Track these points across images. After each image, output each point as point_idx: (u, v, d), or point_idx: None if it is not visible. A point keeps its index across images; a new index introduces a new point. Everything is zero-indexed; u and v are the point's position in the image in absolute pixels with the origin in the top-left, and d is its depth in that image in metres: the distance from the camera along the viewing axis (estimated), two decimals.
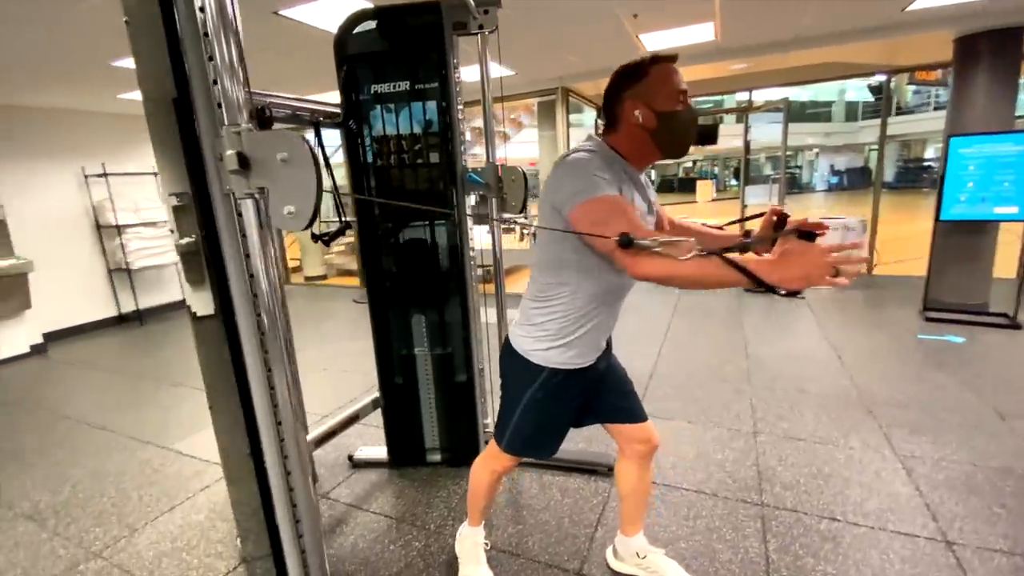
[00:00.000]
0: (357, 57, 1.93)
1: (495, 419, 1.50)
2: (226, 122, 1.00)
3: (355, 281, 6.59)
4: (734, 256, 0.98)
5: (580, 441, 2.45)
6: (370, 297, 2.19)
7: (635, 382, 1.53)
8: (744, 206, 5.84)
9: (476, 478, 1.61)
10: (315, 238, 1.98)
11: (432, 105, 1.96)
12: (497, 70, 4.26)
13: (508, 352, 1.38)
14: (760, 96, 5.59)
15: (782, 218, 1.25)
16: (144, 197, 5.22)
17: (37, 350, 4.49)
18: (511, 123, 8.20)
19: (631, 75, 1.18)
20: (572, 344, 1.28)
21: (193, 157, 1.09)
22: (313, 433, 2.02)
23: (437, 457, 2.31)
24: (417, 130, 1.98)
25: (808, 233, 1.05)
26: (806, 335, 3.84)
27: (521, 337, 1.34)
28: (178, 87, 1.10)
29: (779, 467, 2.18)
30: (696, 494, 2.03)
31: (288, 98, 1.75)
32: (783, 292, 0.94)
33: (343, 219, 1.93)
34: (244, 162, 0.97)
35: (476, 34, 1.92)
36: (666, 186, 30.11)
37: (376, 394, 2.30)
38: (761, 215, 1.32)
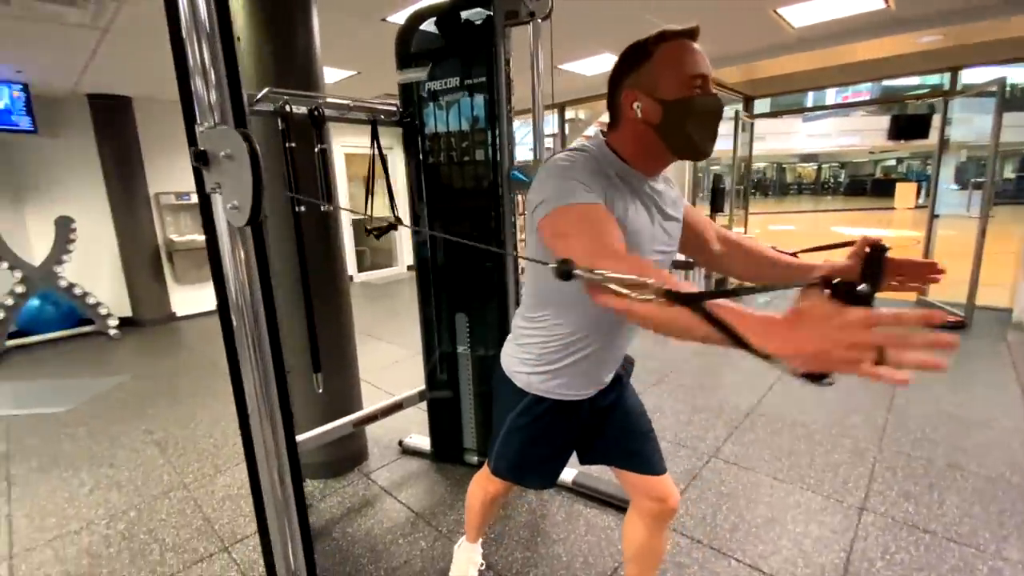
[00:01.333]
0: (416, 55, 1.96)
1: None
2: (197, 119, 1.06)
3: None
4: (722, 306, 0.65)
5: None
6: (419, 291, 2.23)
7: (726, 418, 1.28)
8: (933, 216, 4.62)
9: (471, 494, 1.53)
10: (368, 232, 2.08)
11: (480, 100, 1.89)
12: (587, 65, 4.02)
13: (498, 368, 1.26)
14: (969, 77, 4.31)
15: (877, 252, 0.89)
16: None
17: None
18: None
19: (631, 58, 0.96)
20: (558, 373, 1.11)
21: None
22: (354, 415, 2.14)
23: (474, 459, 2.28)
24: (465, 127, 1.94)
25: (874, 253, 0.83)
26: (991, 390, 2.89)
27: (508, 355, 1.21)
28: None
29: (881, 562, 1.66)
30: (749, 570, 1.66)
31: (341, 99, 1.85)
32: (798, 372, 0.57)
33: (395, 215, 2.00)
34: (202, 158, 1.03)
35: (527, 23, 1.79)
36: (856, 188, 25.62)
37: (423, 386, 2.34)
38: (849, 243, 0.96)
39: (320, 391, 1.97)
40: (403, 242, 7.73)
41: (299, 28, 1.95)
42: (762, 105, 5.98)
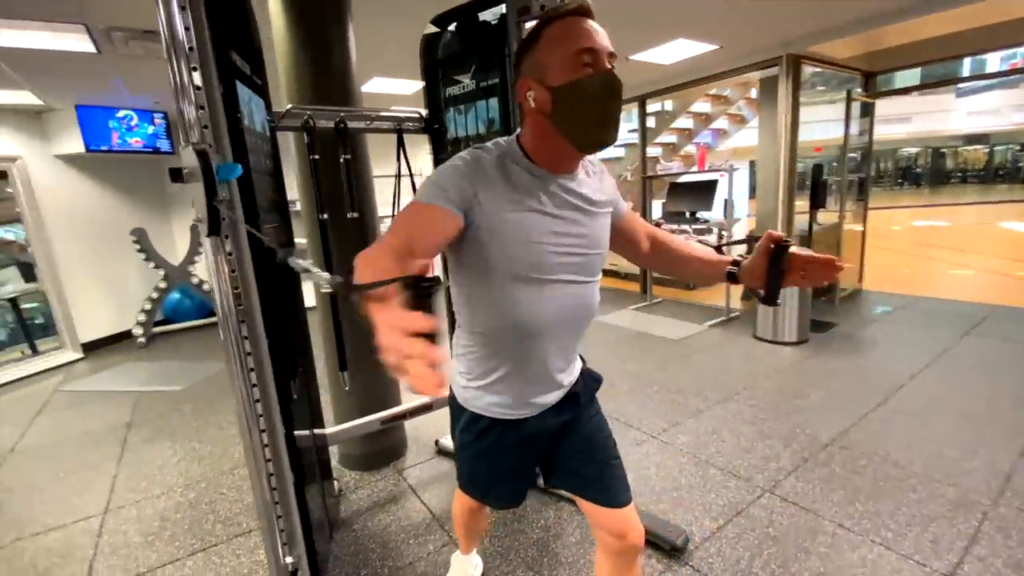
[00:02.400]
0: (438, 62, 1.97)
1: None
2: (183, 141, 1.16)
3: (628, 285, 6.00)
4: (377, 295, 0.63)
5: (658, 500, 2.00)
6: (447, 295, 2.24)
7: (798, 447, 1.16)
8: None
9: (454, 505, 1.50)
10: None
11: (495, 103, 1.84)
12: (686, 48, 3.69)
13: None
14: None
15: (780, 247, 0.93)
16: None
17: None
18: (731, 117, 6.92)
19: (523, 44, 0.89)
20: (487, 389, 1.04)
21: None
22: (382, 413, 2.21)
23: None
24: (482, 130, 1.90)
25: (778, 250, 0.93)
26: None
27: (451, 367, 1.16)
28: None
29: None
30: None
31: (365, 110, 1.92)
32: None
33: None
34: (176, 176, 1.12)
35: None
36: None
37: None
38: (756, 239, 0.97)
39: (347, 388, 2.08)
40: None
41: (335, 46, 2.06)
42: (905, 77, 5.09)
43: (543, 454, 1.18)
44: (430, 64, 1.99)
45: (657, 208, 5.52)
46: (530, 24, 1.69)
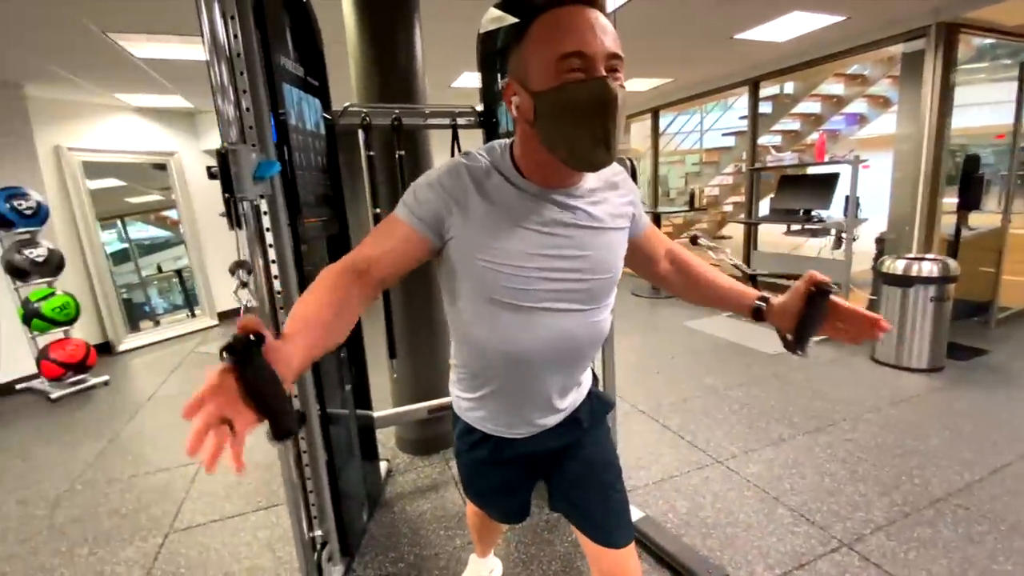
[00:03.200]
0: (493, 54, 1.93)
1: None
2: (220, 140, 1.26)
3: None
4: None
5: (706, 534, 1.80)
6: None
7: (898, 498, 1.09)
8: None
9: (468, 505, 1.48)
10: None
11: None
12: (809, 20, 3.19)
13: None
14: None
15: (820, 292, 0.83)
16: None
17: None
18: (870, 100, 5.80)
19: (508, 38, 0.78)
20: (479, 404, 0.98)
21: None
22: (429, 403, 2.26)
23: None
24: None
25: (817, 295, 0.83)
26: None
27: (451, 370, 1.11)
28: None
29: None
30: None
31: (419, 106, 1.94)
32: None
33: None
34: (212, 175, 1.22)
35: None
36: None
37: None
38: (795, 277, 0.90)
39: (395, 376, 2.16)
40: None
41: (400, 46, 2.11)
42: None
43: (542, 473, 1.10)
44: (485, 56, 1.96)
45: (765, 205, 4.95)
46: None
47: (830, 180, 3.93)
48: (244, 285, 1.64)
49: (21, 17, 2.47)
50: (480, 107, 2.02)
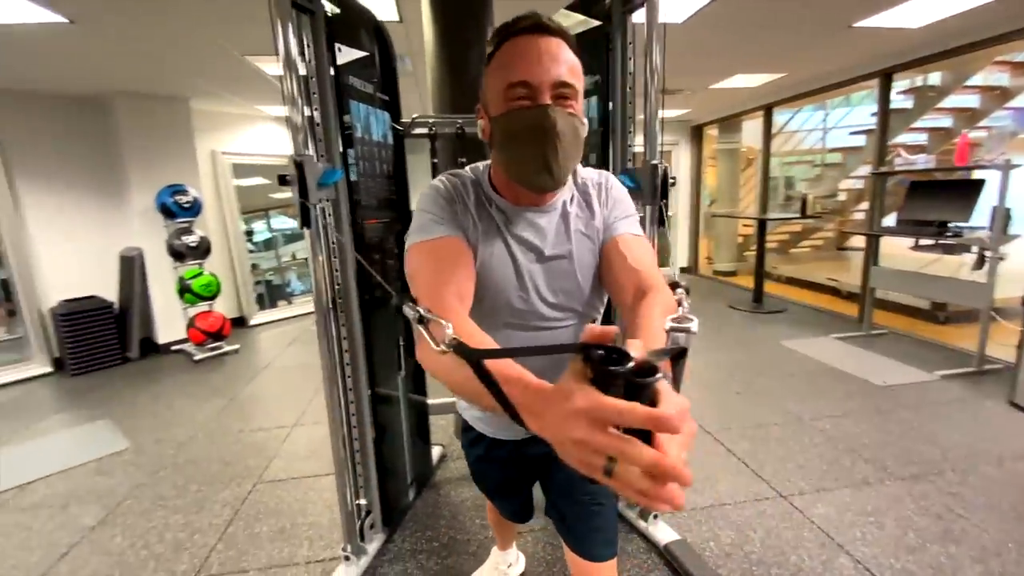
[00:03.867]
0: None
1: None
2: (291, 150, 1.46)
3: (845, 307, 4.84)
4: (507, 368, 0.52)
5: (747, 571, 1.67)
6: None
7: (997, 568, 1.02)
8: None
9: (488, 502, 1.56)
10: None
11: (594, 101, 1.75)
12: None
13: None
14: None
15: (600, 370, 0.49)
16: None
17: None
18: None
19: (484, 65, 0.82)
20: (472, 403, 1.05)
21: None
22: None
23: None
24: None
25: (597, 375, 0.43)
26: None
27: None
28: None
29: None
30: None
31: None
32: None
33: None
34: (282, 180, 1.42)
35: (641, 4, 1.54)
36: None
37: None
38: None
39: None
40: (677, 242, 7.36)
41: (471, 61, 2.22)
42: None
43: (535, 478, 1.14)
44: None
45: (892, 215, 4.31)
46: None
47: (973, 188, 3.32)
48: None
49: (188, 46, 3.03)
50: None
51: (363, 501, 1.83)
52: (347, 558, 1.71)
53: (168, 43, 2.95)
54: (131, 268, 4.18)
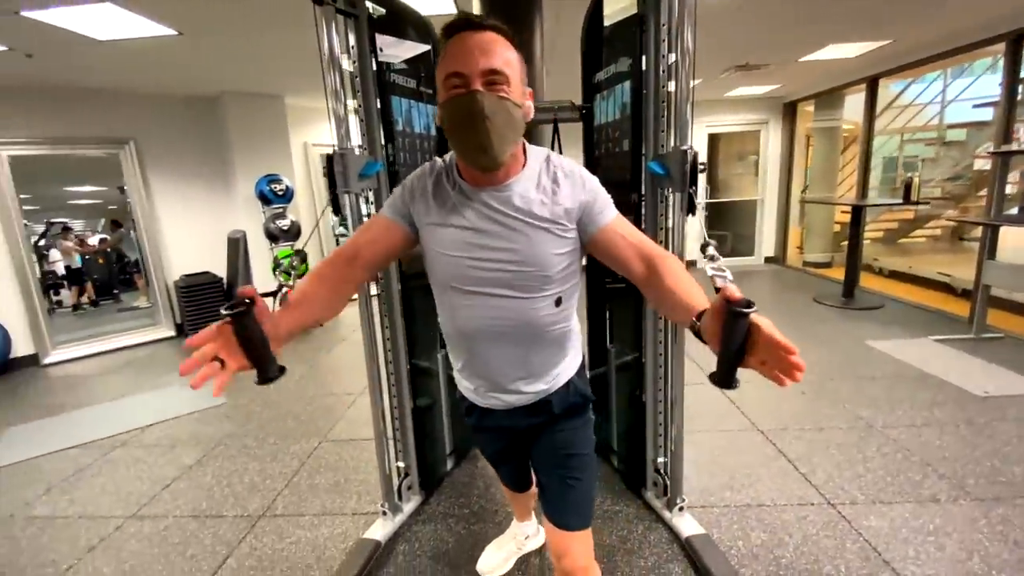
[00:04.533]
0: (590, 48, 1.95)
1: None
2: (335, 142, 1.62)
3: (957, 306, 4.36)
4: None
5: (774, 568, 1.61)
6: (586, 287, 2.25)
7: None
8: None
9: None
10: None
11: (627, 86, 1.72)
12: None
13: None
14: None
15: (732, 313, 0.66)
16: None
17: None
18: None
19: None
20: (460, 375, 1.14)
21: None
22: None
23: (615, 462, 2.19)
24: (616, 116, 1.81)
25: (730, 316, 0.66)
26: None
27: None
28: None
29: None
30: None
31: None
32: None
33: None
34: (330, 173, 1.58)
35: None
36: None
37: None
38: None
39: None
40: (764, 230, 6.86)
41: (529, 50, 2.27)
42: None
43: (525, 447, 1.21)
44: (584, 51, 1.99)
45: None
46: None
47: None
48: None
49: (282, 47, 3.36)
50: (579, 101, 2.07)
51: (401, 464, 2.00)
52: (384, 513, 1.90)
53: (265, 48, 3.30)
54: (236, 248, 4.77)
